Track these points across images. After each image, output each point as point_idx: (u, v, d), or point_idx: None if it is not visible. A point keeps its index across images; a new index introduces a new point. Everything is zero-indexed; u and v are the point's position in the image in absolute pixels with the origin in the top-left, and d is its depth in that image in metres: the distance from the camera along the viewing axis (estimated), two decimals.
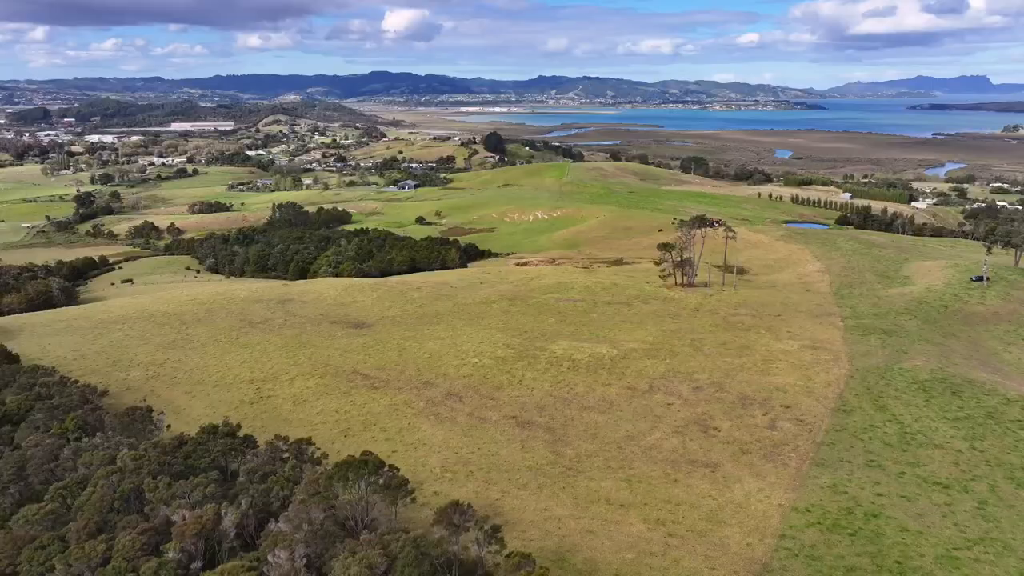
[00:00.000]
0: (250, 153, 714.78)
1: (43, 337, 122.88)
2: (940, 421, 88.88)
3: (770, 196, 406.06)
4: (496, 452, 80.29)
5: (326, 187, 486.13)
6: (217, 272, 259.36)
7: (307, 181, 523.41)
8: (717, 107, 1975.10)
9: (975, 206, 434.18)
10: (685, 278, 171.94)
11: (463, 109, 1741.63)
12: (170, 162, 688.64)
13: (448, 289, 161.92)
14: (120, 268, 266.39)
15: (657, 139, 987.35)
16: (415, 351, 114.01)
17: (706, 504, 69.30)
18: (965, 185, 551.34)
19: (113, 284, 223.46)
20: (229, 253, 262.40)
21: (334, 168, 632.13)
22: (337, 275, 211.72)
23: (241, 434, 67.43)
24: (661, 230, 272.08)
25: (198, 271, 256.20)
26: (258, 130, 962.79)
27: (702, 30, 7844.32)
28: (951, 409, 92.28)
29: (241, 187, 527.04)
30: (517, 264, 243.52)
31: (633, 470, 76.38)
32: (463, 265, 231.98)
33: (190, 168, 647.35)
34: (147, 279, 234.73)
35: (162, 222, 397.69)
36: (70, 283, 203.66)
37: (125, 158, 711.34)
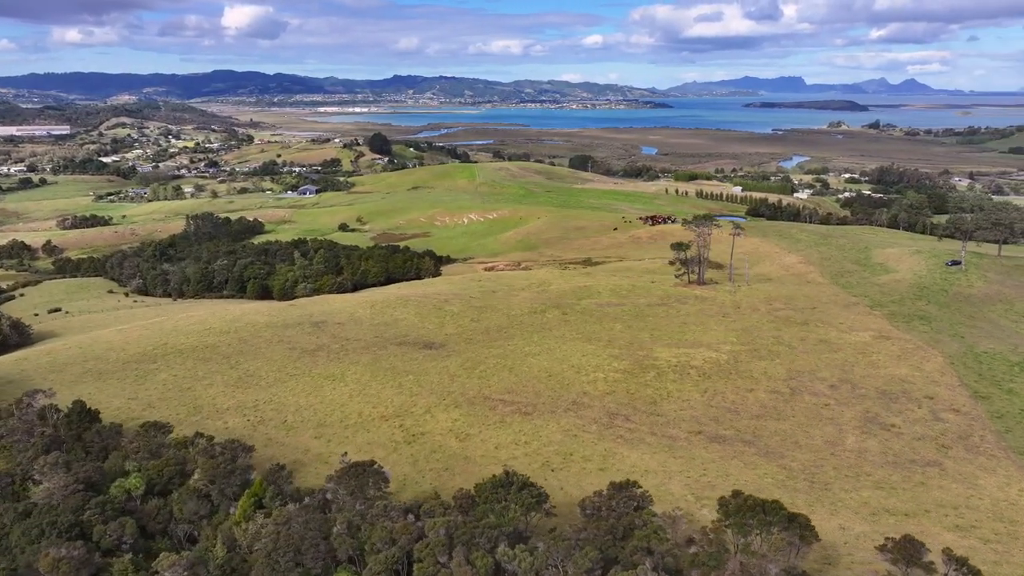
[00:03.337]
0: (105, 160, 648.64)
1: (72, 386, 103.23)
2: None
3: (676, 191, 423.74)
4: (727, 472, 76.84)
5: (215, 195, 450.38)
6: (148, 294, 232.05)
7: (188, 189, 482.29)
8: (573, 106, 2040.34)
9: (845, 195, 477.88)
10: (696, 276, 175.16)
11: (320, 109, 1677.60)
12: (7, 171, 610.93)
13: (478, 301, 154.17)
14: (21, 295, 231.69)
15: (527, 138, 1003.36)
16: (526, 370, 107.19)
17: (978, 504, 70.05)
18: (824, 176, 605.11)
19: (37, 315, 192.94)
20: (159, 272, 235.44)
21: (207, 174, 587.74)
22: (317, 291, 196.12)
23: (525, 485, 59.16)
24: (616, 229, 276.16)
25: (127, 294, 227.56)
26: (101, 134, 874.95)
27: (550, 31, 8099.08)
28: None
29: (111, 198, 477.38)
30: (485, 269, 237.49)
31: (872, 476, 75.85)
32: (437, 273, 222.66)
33: (35, 178, 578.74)
34: (74, 306, 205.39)
35: (33, 240, 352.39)
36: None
37: None
